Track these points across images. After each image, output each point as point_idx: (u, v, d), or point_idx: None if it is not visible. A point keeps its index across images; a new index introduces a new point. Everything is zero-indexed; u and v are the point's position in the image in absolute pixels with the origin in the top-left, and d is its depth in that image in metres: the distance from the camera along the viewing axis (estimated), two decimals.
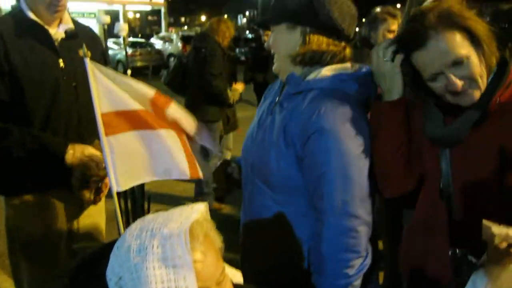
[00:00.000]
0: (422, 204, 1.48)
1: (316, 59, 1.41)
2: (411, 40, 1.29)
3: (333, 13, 1.37)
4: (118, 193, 1.74)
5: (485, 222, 1.08)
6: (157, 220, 0.99)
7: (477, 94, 1.26)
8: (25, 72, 1.84)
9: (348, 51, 1.44)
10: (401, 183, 1.46)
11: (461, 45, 1.23)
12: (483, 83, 1.26)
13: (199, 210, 1.01)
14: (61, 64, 1.93)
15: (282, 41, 1.44)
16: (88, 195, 1.97)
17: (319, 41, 1.39)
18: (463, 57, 1.23)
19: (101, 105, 1.61)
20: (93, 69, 1.62)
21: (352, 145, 1.34)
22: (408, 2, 2.09)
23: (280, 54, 1.46)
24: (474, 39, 1.24)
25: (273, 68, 1.51)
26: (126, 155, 1.68)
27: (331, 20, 1.37)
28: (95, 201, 2.03)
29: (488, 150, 1.27)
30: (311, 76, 1.41)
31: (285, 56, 1.44)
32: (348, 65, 1.44)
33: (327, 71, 1.40)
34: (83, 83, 1.78)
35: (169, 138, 1.79)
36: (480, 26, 1.25)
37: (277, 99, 1.51)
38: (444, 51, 1.23)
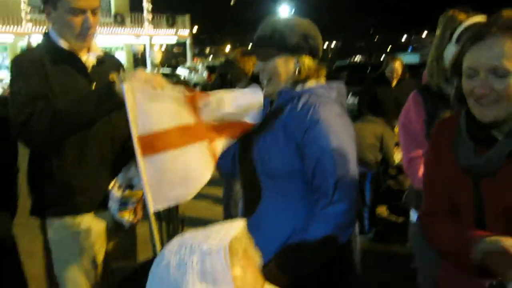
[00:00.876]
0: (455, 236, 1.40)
1: (312, 77, 1.74)
2: (474, 35, 1.26)
3: (319, 45, 1.74)
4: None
5: None
6: (196, 237, 0.98)
7: (496, 114, 1.23)
8: (68, 105, 1.88)
9: (324, 70, 1.79)
10: None
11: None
12: (509, 107, 1.22)
13: (238, 226, 1.01)
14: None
15: (282, 69, 1.71)
16: (127, 216, 1.99)
17: (312, 65, 1.72)
18: (507, 70, 1.19)
19: (138, 127, 1.63)
20: (130, 92, 1.65)
21: (343, 132, 1.64)
22: (442, 25, 2.08)
23: (278, 80, 1.72)
24: None
25: (265, 92, 1.77)
26: (162, 175, 1.69)
27: (317, 50, 1.74)
28: (135, 222, 2.06)
29: None
30: (299, 86, 1.73)
31: (283, 81, 1.72)
32: (323, 80, 1.79)
33: (310, 83, 1.73)
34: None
35: (200, 152, 1.79)
36: None
37: (266, 113, 1.80)
38: (494, 53, 1.21)
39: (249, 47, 1.80)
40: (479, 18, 1.97)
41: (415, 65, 11.09)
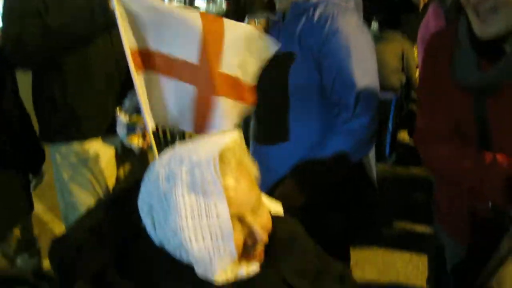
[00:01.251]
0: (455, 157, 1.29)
1: None
2: None
3: None
4: (159, 143, 1.72)
5: None
6: (186, 148, 0.94)
7: (497, 29, 1.08)
8: (61, 20, 1.82)
9: None
10: None
11: None
12: (509, 18, 1.06)
13: (231, 136, 0.95)
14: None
15: None
16: (136, 141, 1.97)
17: None
18: None
19: (130, 41, 1.55)
20: (119, 5, 1.55)
21: (363, 43, 1.56)
22: None
23: None
24: None
25: (278, 7, 1.67)
26: (158, 93, 1.62)
27: None
28: (144, 146, 2.04)
29: None
30: None
31: None
32: None
33: None
34: (116, 28, 1.74)
35: (183, 91, 1.65)
36: None
37: (279, 26, 1.70)
38: None
39: None
40: None
41: None
